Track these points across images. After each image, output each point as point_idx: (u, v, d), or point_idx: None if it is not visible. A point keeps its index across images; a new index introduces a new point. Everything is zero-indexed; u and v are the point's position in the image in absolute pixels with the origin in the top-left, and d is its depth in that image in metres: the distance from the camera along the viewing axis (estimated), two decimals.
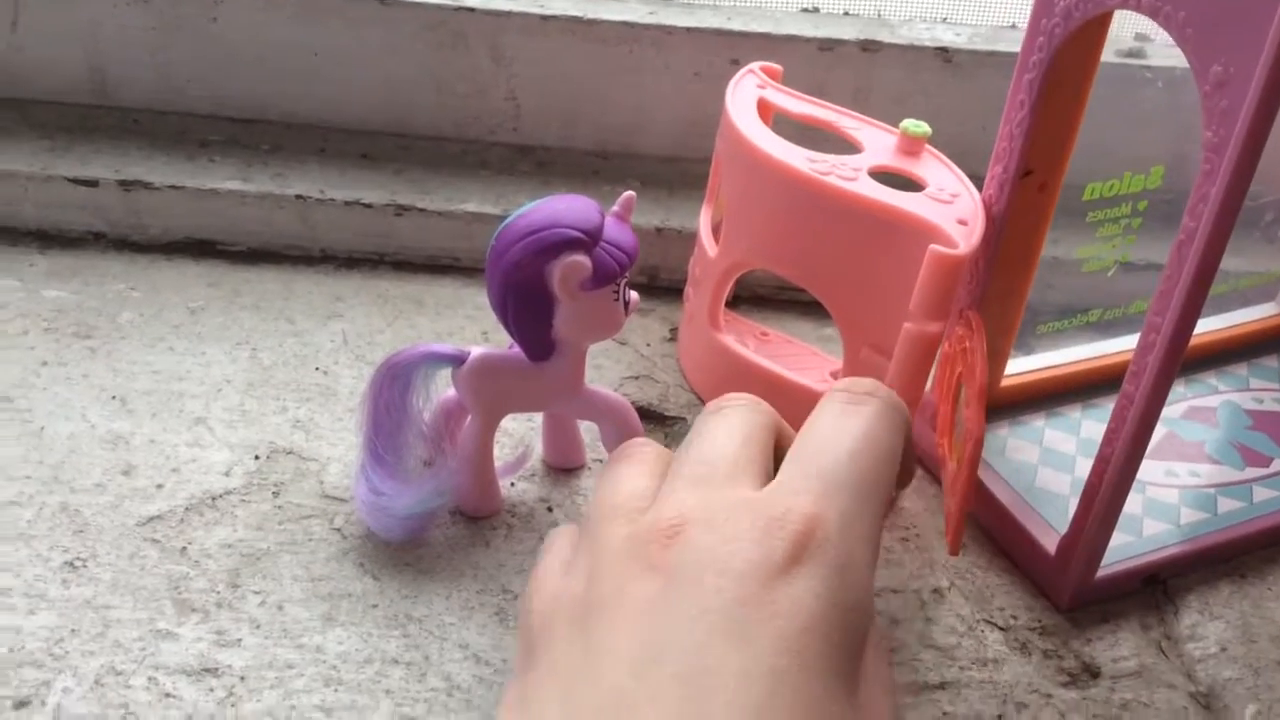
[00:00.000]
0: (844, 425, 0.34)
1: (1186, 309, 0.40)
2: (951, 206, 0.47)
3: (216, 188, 0.61)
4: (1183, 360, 0.42)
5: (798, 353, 0.58)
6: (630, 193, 0.45)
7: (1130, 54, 0.63)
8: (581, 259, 0.42)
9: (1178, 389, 0.57)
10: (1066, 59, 0.44)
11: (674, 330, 0.60)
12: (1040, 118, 0.45)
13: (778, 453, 0.36)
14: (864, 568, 0.31)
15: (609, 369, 0.56)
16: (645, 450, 0.36)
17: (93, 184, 0.60)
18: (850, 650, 0.29)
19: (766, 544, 0.29)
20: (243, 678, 0.40)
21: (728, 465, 0.33)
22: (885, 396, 0.35)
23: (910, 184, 0.49)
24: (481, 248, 0.44)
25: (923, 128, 0.50)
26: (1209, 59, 0.37)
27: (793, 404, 0.52)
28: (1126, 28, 0.64)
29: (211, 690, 0.40)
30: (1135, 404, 0.42)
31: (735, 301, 0.61)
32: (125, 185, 0.60)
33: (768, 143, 0.49)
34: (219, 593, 0.43)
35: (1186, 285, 0.39)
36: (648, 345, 0.58)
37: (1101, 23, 0.44)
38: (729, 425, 0.35)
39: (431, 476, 0.45)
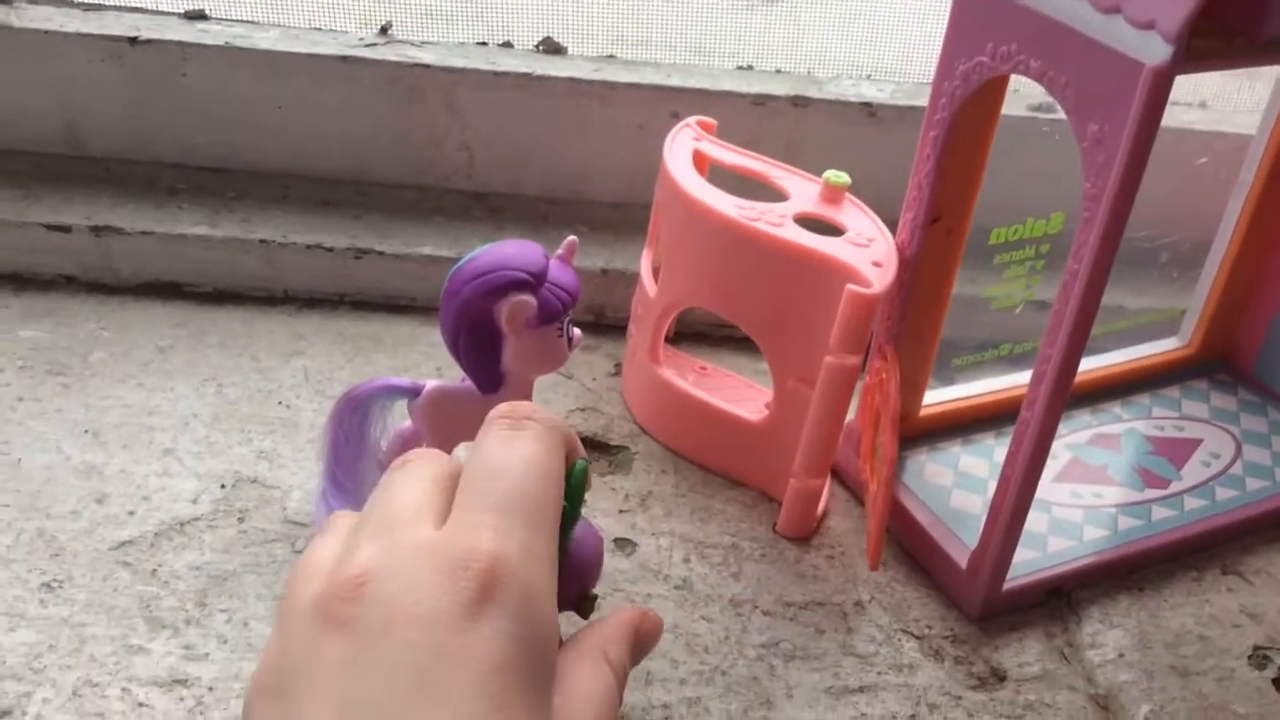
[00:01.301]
0: (508, 452, 0.34)
1: (1072, 341, 0.44)
2: (868, 250, 0.51)
3: (184, 233, 0.64)
4: (1077, 389, 0.46)
5: (734, 385, 0.62)
6: (573, 237, 0.48)
7: (1040, 108, 0.68)
8: (527, 298, 0.46)
9: (1084, 417, 0.62)
10: (968, 117, 0.49)
11: (618, 365, 0.63)
12: (945, 170, 0.50)
13: None
14: (546, 590, 0.32)
15: (556, 402, 0.60)
16: (340, 520, 0.35)
17: (66, 230, 0.64)
18: (543, 674, 0.31)
19: (453, 588, 0.29)
20: (211, 688, 0.43)
21: (408, 511, 0.32)
22: (543, 419, 0.36)
23: (832, 229, 0.53)
24: (437, 289, 0.47)
25: (843, 178, 0.55)
26: (1086, 118, 0.42)
27: (728, 432, 0.56)
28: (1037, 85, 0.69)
29: (181, 700, 0.43)
30: (1030, 428, 0.46)
31: (677, 338, 0.65)
32: (97, 231, 0.64)
33: (701, 191, 0.53)
34: (188, 611, 0.46)
35: (1071, 320, 0.44)
36: (593, 379, 0.62)
37: (999, 84, 0.48)
38: (408, 476, 0.34)
39: None
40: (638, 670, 0.46)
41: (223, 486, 0.52)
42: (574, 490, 0.38)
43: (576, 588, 0.40)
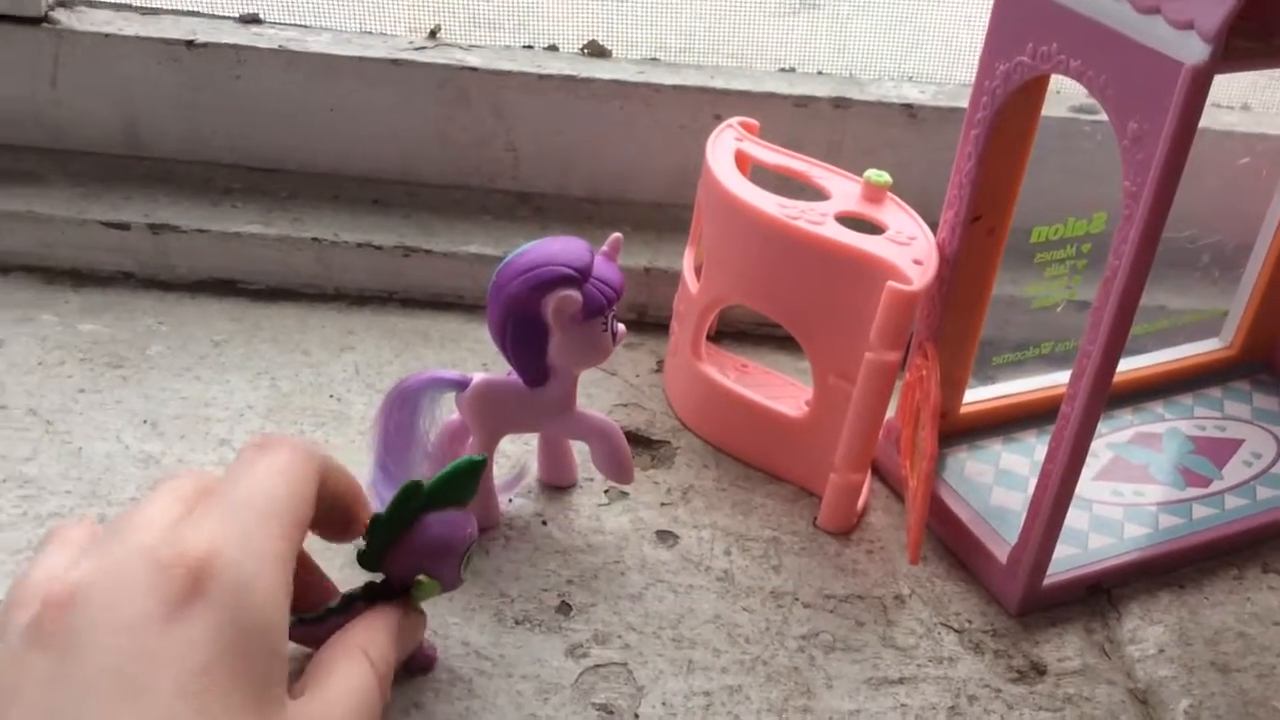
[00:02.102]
0: (248, 467, 0.34)
1: (1112, 337, 0.44)
2: (908, 248, 0.52)
3: (239, 231, 0.66)
4: (1119, 388, 0.47)
5: (775, 383, 0.62)
6: (618, 234, 0.50)
7: (1081, 109, 0.68)
8: (573, 293, 0.47)
9: (1126, 417, 0.62)
10: (1009, 116, 0.49)
11: (661, 362, 0.64)
12: (986, 168, 0.50)
13: None
14: (269, 583, 0.30)
15: (600, 397, 0.61)
16: (68, 532, 0.33)
17: (124, 227, 0.66)
18: (260, 667, 0.29)
19: (159, 589, 0.29)
20: None
21: (142, 524, 0.31)
22: (293, 444, 0.35)
23: (873, 228, 0.54)
24: (483, 287, 0.49)
25: (884, 177, 0.55)
26: (1126, 116, 0.42)
27: (769, 428, 0.57)
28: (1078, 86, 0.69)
29: None
30: (1071, 423, 0.47)
31: (718, 336, 0.66)
32: (154, 229, 0.65)
33: (743, 190, 0.54)
34: None
35: (1111, 316, 0.44)
36: (636, 376, 0.63)
37: (1039, 84, 0.49)
38: (158, 493, 0.33)
39: None
40: (679, 657, 0.47)
41: None
42: (450, 476, 0.42)
43: (411, 565, 0.42)
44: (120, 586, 0.29)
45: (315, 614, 0.43)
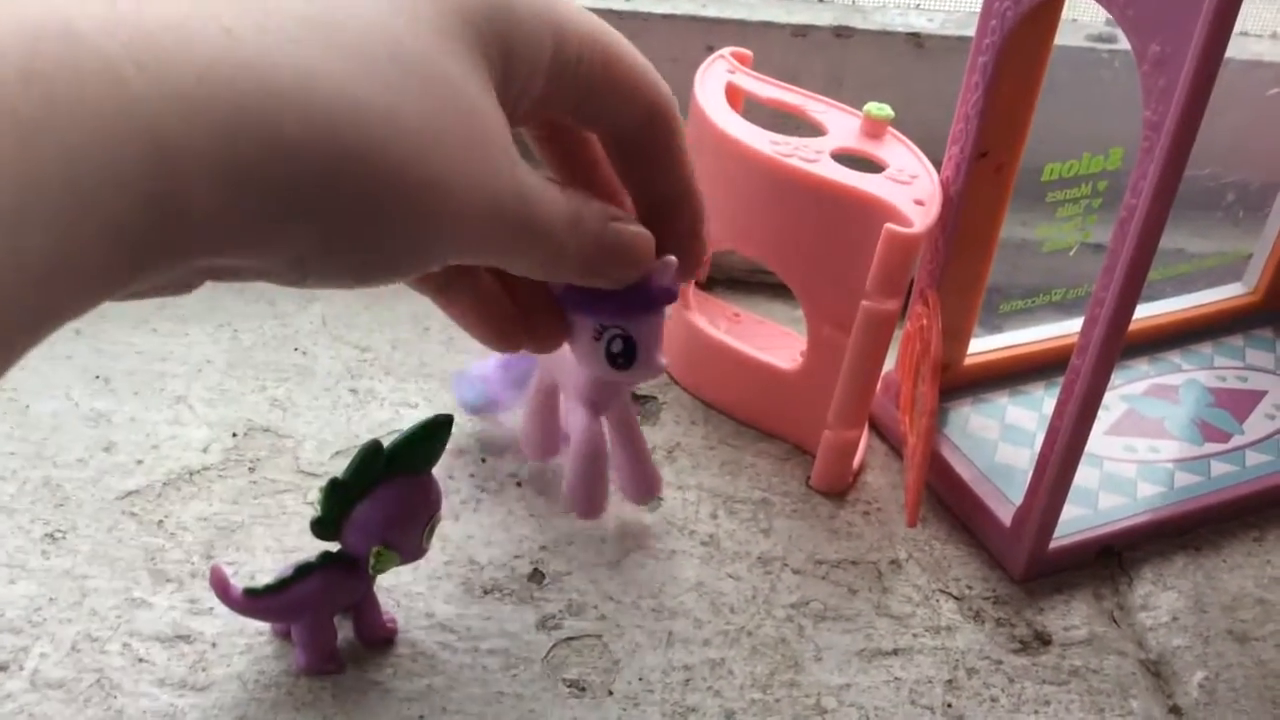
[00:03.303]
0: None
1: (1129, 281, 0.41)
2: (910, 187, 0.48)
3: None
4: (1134, 337, 0.43)
5: (768, 333, 0.59)
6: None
7: (1099, 38, 0.64)
8: None
9: (1141, 367, 0.58)
10: (1019, 42, 0.45)
11: None
12: (995, 100, 0.46)
13: None
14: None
15: None
16: None
17: None
18: (495, 44, 0.27)
19: None
20: (214, 644, 0.42)
21: None
22: None
23: (872, 165, 0.50)
24: None
25: (885, 111, 0.51)
26: (1147, 38, 0.38)
27: (761, 381, 0.53)
28: (1096, 14, 0.65)
29: (184, 655, 0.41)
30: (1082, 376, 0.43)
31: (710, 284, 0.63)
32: None
33: (732, 125, 0.50)
34: (193, 564, 0.44)
35: (1128, 258, 0.40)
36: None
37: (1053, 6, 0.45)
38: None
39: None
40: (658, 629, 0.44)
41: (234, 435, 0.50)
42: (413, 437, 0.39)
43: (368, 534, 0.39)
44: None
45: (269, 585, 0.40)
